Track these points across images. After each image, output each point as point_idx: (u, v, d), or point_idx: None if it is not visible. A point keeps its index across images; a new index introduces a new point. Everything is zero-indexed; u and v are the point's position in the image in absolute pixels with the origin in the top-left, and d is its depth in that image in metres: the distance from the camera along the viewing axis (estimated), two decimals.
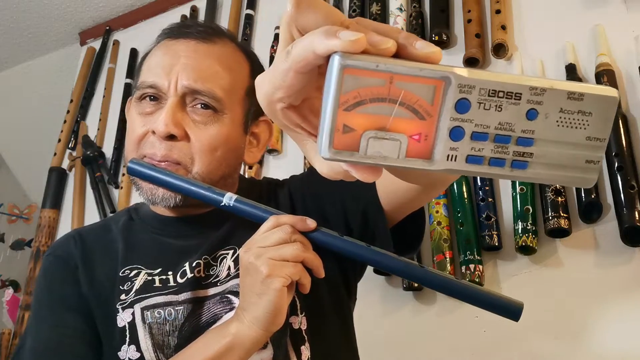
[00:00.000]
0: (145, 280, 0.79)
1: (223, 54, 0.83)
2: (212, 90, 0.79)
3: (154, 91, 0.80)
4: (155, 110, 0.80)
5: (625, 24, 1.29)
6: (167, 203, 0.79)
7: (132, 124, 0.81)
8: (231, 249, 0.81)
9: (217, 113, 0.80)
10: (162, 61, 0.81)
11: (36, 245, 1.94)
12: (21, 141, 2.57)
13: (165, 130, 0.76)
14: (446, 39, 1.47)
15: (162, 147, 0.77)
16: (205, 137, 0.79)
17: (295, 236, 0.67)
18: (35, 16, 2.23)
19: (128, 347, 0.74)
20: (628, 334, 1.07)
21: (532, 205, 1.20)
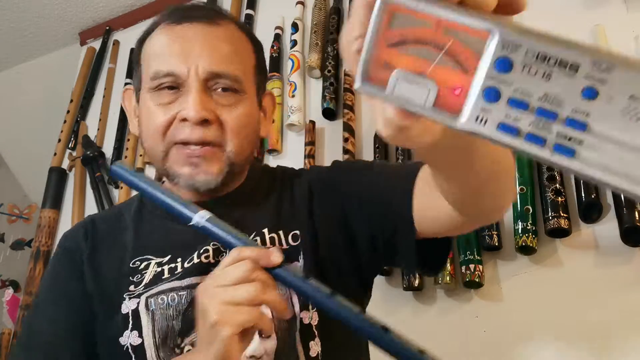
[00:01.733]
0: (155, 272, 0.79)
1: (230, 35, 0.84)
2: (233, 72, 0.81)
3: (171, 79, 0.79)
4: (175, 98, 0.80)
5: (625, 24, 1.29)
6: (207, 186, 0.80)
7: (150, 115, 0.81)
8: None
9: (239, 94, 0.82)
10: (173, 48, 0.80)
11: (36, 245, 1.94)
12: (21, 141, 2.57)
13: (198, 116, 0.77)
14: None
15: (196, 131, 0.78)
16: (235, 118, 0.80)
17: (256, 274, 0.60)
18: (35, 16, 2.23)
19: (130, 333, 0.75)
20: (628, 334, 1.07)
21: (532, 205, 1.20)
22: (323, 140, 1.60)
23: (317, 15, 1.71)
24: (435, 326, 1.26)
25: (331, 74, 1.61)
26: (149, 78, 0.81)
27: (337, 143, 1.53)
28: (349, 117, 1.53)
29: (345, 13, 1.71)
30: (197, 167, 0.80)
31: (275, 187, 0.90)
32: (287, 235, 0.82)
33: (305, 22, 1.77)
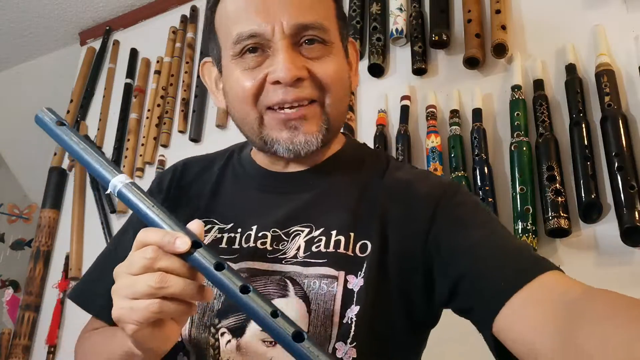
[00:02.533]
0: (214, 238, 0.78)
1: None
2: (319, 21, 0.75)
3: (255, 40, 0.74)
4: (262, 61, 0.75)
5: (625, 24, 1.29)
6: (309, 148, 0.75)
7: (237, 83, 0.76)
8: (307, 227, 0.76)
9: (327, 45, 0.76)
10: (251, 6, 0.75)
11: (36, 245, 1.94)
12: (21, 141, 2.57)
13: (290, 75, 0.72)
14: (446, 39, 1.47)
15: (290, 92, 0.73)
16: (328, 70, 0.76)
17: (161, 263, 0.56)
18: (35, 16, 2.23)
19: None
20: None
21: (532, 205, 1.20)
22: None
23: None
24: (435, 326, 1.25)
25: None
26: (232, 43, 0.75)
27: None
28: (349, 117, 1.53)
29: (345, 13, 1.71)
30: (297, 130, 0.75)
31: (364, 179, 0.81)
32: (357, 241, 0.74)
33: None
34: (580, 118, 1.23)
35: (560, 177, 1.20)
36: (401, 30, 1.54)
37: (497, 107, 1.38)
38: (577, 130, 1.22)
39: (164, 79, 1.98)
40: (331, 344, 0.69)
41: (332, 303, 0.70)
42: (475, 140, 1.33)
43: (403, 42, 1.57)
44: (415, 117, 1.48)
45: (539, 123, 1.27)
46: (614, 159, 1.14)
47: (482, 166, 1.29)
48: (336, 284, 0.71)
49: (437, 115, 1.43)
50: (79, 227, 1.91)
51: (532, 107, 1.31)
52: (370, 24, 1.60)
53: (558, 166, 1.21)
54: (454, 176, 1.31)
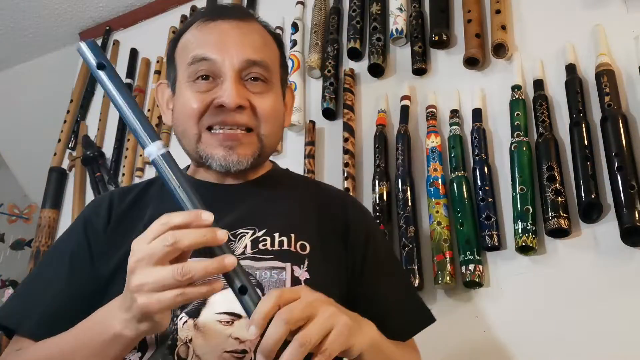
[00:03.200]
0: None
1: (259, 30, 0.93)
2: (266, 60, 0.89)
3: (208, 65, 0.86)
4: (211, 87, 0.87)
5: (625, 24, 1.29)
6: (239, 167, 0.87)
7: (186, 102, 0.87)
8: (251, 229, 0.86)
9: (268, 83, 0.90)
10: (210, 38, 0.88)
11: (36, 245, 1.93)
12: (21, 141, 2.57)
13: (234, 102, 0.84)
14: (446, 39, 1.47)
15: (230, 116, 0.86)
16: (266, 104, 0.88)
17: (185, 242, 0.61)
18: (35, 16, 2.23)
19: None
20: (628, 334, 1.07)
21: (532, 205, 1.20)
22: (323, 140, 1.60)
23: (317, 15, 1.72)
24: (435, 326, 1.25)
25: (331, 74, 1.61)
26: (187, 64, 0.88)
27: (337, 143, 1.53)
28: (349, 117, 1.53)
29: (345, 13, 1.71)
30: (231, 150, 0.87)
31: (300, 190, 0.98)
32: (297, 241, 0.87)
33: (305, 22, 1.77)
34: (580, 118, 1.23)
35: (560, 177, 1.20)
36: (401, 30, 1.54)
37: (497, 107, 1.38)
38: (577, 130, 1.22)
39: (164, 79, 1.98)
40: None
41: (282, 287, 0.80)
42: (475, 140, 1.33)
43: (403, 42, 1.57)
44: (415, 117, 1.48)
45: (539, 123, 1.27)
46: (614, 159, 1.14)
47: (482, 166, 1.30)
48: (284, 273, 0.82)
49: (437, 115, 1.43)
50: None
51: (532, 107, 1.31)
52: (370, 24, 1.60)
53: (558, 166, 1.21)
54: (453, 176, 1.31)
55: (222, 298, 0.77)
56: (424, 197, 1.35)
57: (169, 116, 0.95)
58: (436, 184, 1.32)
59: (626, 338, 1.07)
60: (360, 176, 1.49)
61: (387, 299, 0.91)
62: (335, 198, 0.99)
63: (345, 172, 1.46)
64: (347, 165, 1.47)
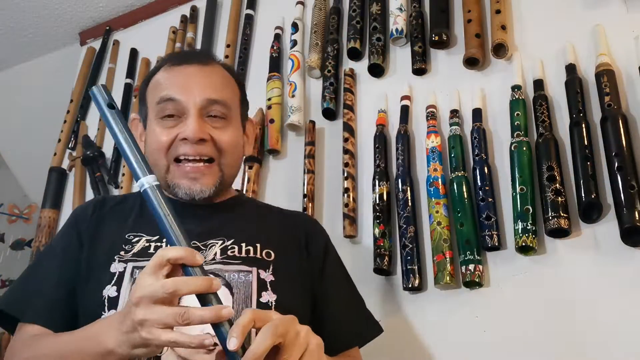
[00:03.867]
0: (144, 245, 0.95)
1: (220, 72, 1.06)
2: (224, 99, 1.02)
3: (173, 105, 0.99)
4: (176, 124, 0.99)
5: (625, 24, 1.29)
6: (202, 195, 0.99)
7: (156, 136, 1.00)
8: (220, 240, 0.97)
9: (227, 119, 1.02)
10: (175, 81, 1.01)
11: (36, 245, 1.94)
12: (21, 141, 2.57)
13: (196, 136, 0.97)
14: (446, 39, 1.47)
15: (194, 148, 0.97)
16: (226, 138, 1.01)
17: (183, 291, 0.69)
18: (35, 16, 2.23)
19: (111, 287, 0.90)
20: (628, 334, 1.07)
21: (532, 205, 1.20)
22: (323, 140, 1.60)
23: (317, 15, 1.72)
24: (435, 326, 1.26)
25: (331, 74, 1.61)
26: (155, 103, 1.01)
27: (337, 143, 1.53)
28: (349, 117, 1.53)
29: (345, 13, 1.71)
30: (195, 181, 0.98)
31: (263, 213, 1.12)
32: (263, 249, 0.98)
33: (305, 22, 1.77)
34: (580, 118, 1.23)
35: (560, 177, 1.20)
36: (401, 30, 1.54)
37: (497, 107, 1.38)
38: (577, 130, 1.22)
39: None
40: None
41: (249, 288, 0.92)
42: (475, 140, 1.33)
43: (403, 42, 1.57)
44: (415, 117, 1.48)
45: (539, 123, 1.27)
46: (614, 159, 1.14)
47: (482, 166, 1.30)
48: (251, 275, 0.93)
49: (437, 115, 1.43)
50: None
51: (532, 107, 1.31)
52: (370, 24, 1.60)
53: (558, 166, 1.21)
54: (453, 176, 1.31)
55: (193, 296, 0.82)
56: (424, 197, 1.35)
57: (142, 148, 1.03)
58: (436, 184, 1.32)
59: (626, 338, 1.07)
60: (360, 176, 1.49)
61: (339, 308, 1.03)
62: (296, 217, 1.14)
63: (345, 172, 1.46)
64: (347, 165, 1.47)
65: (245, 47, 1.86)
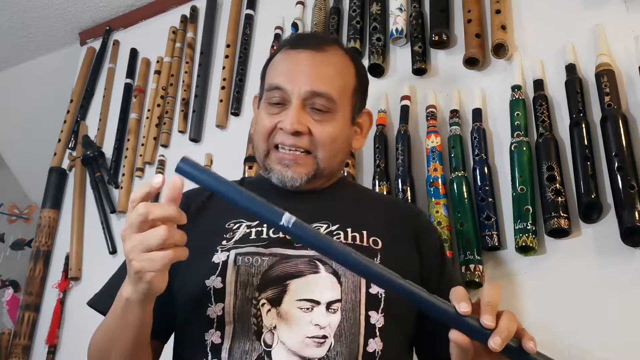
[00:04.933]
0: (244, 232, 0.94)
1: (334, 60, 1.03)
2: (329, 92, 0.98)
3: (280, 93, 0.99)
4: (280, 111, 0.99)
5: (625, 24, 1.29)
6: (293, 183, 0.98)
7: (262, 121, 1.01)
8: (325, 224, 0.95)
9: (331, 112, 0.99)
10: (285, 68, 1.01)
11: (36, 245, 1.94)
12: (21, 141, 2.57)
13: (292, 128, 0.96)
14: (446, 39, 1.47)
15: (290, 138, 0.97)
16: (325, 132, 0.98)
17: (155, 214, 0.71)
18: (35, 16, 2.23)
19: (216, 278, 0.89)
20: (628, 334, 1.07)
21: (532, 205, 1.20)
22: None
23: (317, 15, 1.72)
24: None
25: None
26: (266, 89, 1.02)
27: None
28: None
29: (345, 13, 1.71)
30: (288, 168, 0.98)
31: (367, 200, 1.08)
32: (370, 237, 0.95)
33: (305, 22, 1.77)
34: (580, 118, 1.23)
35: (560, 177, 1.20)
36: (401, 30, 1.54)
37: (497, 107, 1.38)
38: (577, 130, 1.22)
39: (164, 79, 1.98)
40: (361, 308, 0.87)
41: (358, 277, 0.87)
42: (475, 140, 1.33)
43: (403, 42, 1.57)
44: (415, 117, 1.48)
45: (539, 123, 1.27)
46: (614, 159, 1.14)
47: (482, 166, 1.30)
48: None
49: (437, 115, 1.43)
50: (78, 227, 1.91)
51: (532, 107, 1.31)
52: (370, 24, 1.60)
53: (558, 166, 1.21)
54: (453, 176, 1.31)
55: (300, 285, 0.86)
56: (424, 197, 1.35)
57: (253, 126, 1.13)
58: (436, 184, 1.32)
59: (626, 338, 1.07)
60: (360, 176, 1.48)
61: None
62: (405, 206, 1.13)
63: (345, 172, 1.46)
64: (347, 165, 1.47)
65: (245, 47, 1.86)
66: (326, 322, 0.84)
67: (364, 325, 0.85)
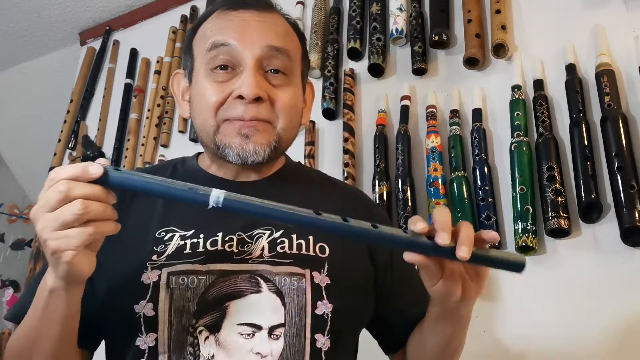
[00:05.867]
0: (178, 245, 0.81)
1: (280, 22, 0.90)
2: (288, 48, 0.85)
3: (226, 53, 0.83)
4: (229, 77, 0.83)
5: (625, 24, 1.29)
6: (256, 157, 0.82)
7: (205, 92, 0.84)
8: (268, 230, 0.82)
9: (289, 76, 0.86)
10: (230, 25, 0.84)
11: (36, 245, 1.94)
12: (21, 141, 2.57)
13: (254, 93, 0.80)
14: (446, 39, 1.47)
15: (249, 109, 0.81)
16: (285, 98, 0.84)
17: (77, 191, 0.62)
18: (35, 16, 2.23)
19: (146, 304, 0.77)
20: (628, 334, 1.07)
21: (532, 205, 1.20)
22: (323, 140, 1.60)
23: (317, 15, 1.72)
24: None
25: (331, 74, 1.61)
26: (206, 50, 0.84)
27: (337, 143, 1.53)
28: (349, 117, 1.53)
29: (345, 13, 1.71)
30: (248, 138, 0.82)
31: (316, 187, 0.95)
32: (316, 243, 0.83)
33: (305, 22, 1.77)
34: (580, 118, 1.23)
35: (560, 177, 1.20)
36: (401, 30, 1.54)
37: (497, 107, 1.38)
38: (577, 130, 1.22)
39: (164, 79, 1.98)
40: (307, 332, 0.77)
41: (303, 297, 0.78)
42: (475, 140, 1.33)
43: (403, 42, 1.57)
44: (415, 117, 1.48)
45: (539, 123, 1.27)
46: (614, 159, 1.14)
47: (482, 166, 1.30)
48: (304, 280, 0.79)
49: (437, 115, 1.43)
50: None
51: (532, 107, 1.31)
52: (370, 24, 1.60)
53: (558, 166, 1.21)
54: (453, 176, 1.31)
55: (240, 307, 0.76)
56: (424, 197, 1.35)
57: (185, 107, 0.91)
58: (436, 184, 1.32)
59: (626, 338, 1.07)
60: (360, 176, 1.49)
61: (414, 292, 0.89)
62: (354, 198, 0.96)
63: (345, 172, 1.46)
64: (347, 165, 1.47)
65: None
66: (268, 350, 0.75)
67: (309, 351, 0.77)
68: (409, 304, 0.90)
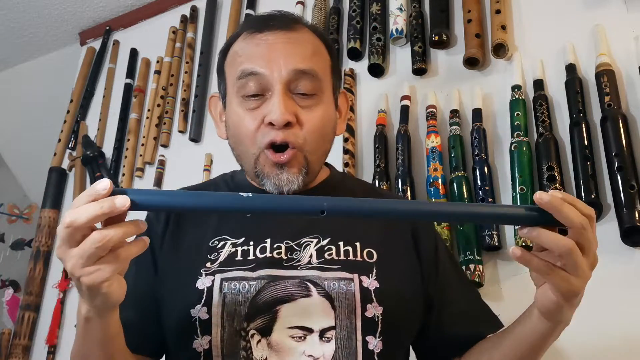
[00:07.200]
0: (230, 252, 0.85)
1: (308, 38, 0.91)
2: (314, 69, 0.87)
3: (255, 82, 0.85)
4: (260, 104, 0.86)
5: (625, 24, 1.29)
6: (291, 186, 0.85)
7: (240, 121, 0.87)
8: (315, 238, 0.85)
9: (318, 95, 0.87)
10: (257, 51, 0.87)
11: (36, 246, 1.94)
12: (21, 141, 2.57)
13: (282, 119, 0.82)
14: (446, 39, 1.47)
15: (280, 134, 0.84)
16: (314, 120, 0.86)
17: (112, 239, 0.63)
18: (35, 16, 2.23)
19: (201, 308, 0.81)
20: (628, 334, 1.07)
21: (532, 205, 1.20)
22: None
23: (317, 15, 1.72)
24: None
25: None
26: (236, 78, 0.87)
27: (337, 143, 1.53)
28: (349, 117, 1.53)
29: (345, 13, 1.71)
30: (282, 169, 0.85)
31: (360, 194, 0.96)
32: (363, 249, 0.86)
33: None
34: (580, 118, 1.23)
35: (560, 177, 1.20)
36: (401, 30, 1.54)
37: (497, 107, 1.38)
38: (577, 130, 1.22)
39: (164, 79, 1.98)
40: (358, 334, 0.80)
41: (352, 299, 0.80)
42: (475, 140, 1.33)
43: (403, 42, 1.57)
44: (415, 117, 1.48)
45: (539, 123, 1.27)
46: (614, 159, 1.14)
47: (482, 166, 1.30)
48: (353, 284, 0.81)
49: (437, 115, 1.43)
50: None
51: (532, 107, 1.31)
52: (370, 24, 1.60)
53: (558, 166, 1.21)
54: (453, 176, 1.31)
55: (291, 310, 0.79)
56: (424, 197, 1.35)
57: (222, 129, 0.94)
58: (436, 184, 1.32)
59: (626, 337, 1.07)
60: (360, 176, 1.48)
61: (459, 308, 0.93)
62: (427, 228, 0.97)
63: (345, 172, 1.46)
64: (347, 165, 1.47)
65: None
66: (320, 352, 0.77)
67: (362, 353, 0.79)
68: (455, 318, 0.92)
